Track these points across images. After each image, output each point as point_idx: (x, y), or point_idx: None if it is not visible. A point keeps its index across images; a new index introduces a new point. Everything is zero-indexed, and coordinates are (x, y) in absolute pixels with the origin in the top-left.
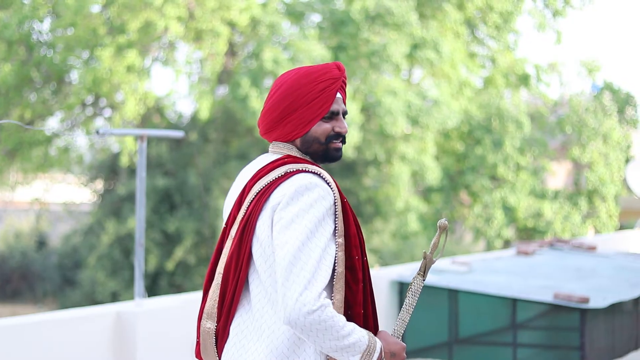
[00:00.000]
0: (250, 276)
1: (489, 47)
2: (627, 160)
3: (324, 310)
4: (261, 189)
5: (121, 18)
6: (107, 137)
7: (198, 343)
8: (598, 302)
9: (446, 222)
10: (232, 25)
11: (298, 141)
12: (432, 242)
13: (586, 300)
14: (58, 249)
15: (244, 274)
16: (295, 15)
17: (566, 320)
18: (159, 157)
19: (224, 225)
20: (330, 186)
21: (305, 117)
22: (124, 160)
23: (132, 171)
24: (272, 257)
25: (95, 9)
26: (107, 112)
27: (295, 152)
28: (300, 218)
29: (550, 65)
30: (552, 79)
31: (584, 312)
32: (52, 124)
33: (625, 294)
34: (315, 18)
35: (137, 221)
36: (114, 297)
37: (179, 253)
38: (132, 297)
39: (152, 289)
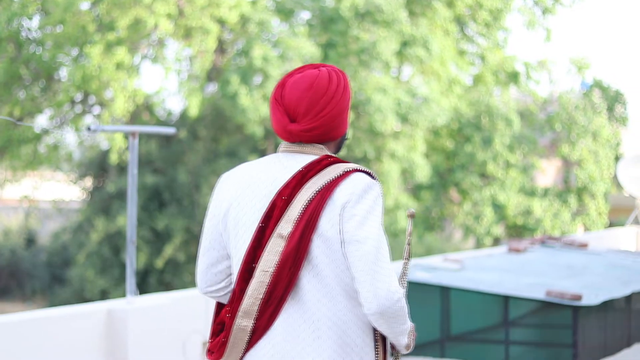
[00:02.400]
0: (301, 272)
1: (478, 44)
2: (617, 158)
3: (403, 297)
4: (321, 188)
5: (110, 15)
6: (97, 135)
7: (221, 342)
8: (590, 299)
9: (413, 210)
10: (221, 22)
11: (338, 140)
12: (408, 231)
13: (579, 298)
14: (47, 247)
15: (298, 271)
16: (285, 12)
17: (558, 318)
18: (148, 154)
19: (259, 224)
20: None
21: (347, 117)
22: (114, 158)
23: (121, 168)
24: (339, 252)
25: (85, 6)
26: (97, 110)
27: (327, 152)
28: (371, 214)
29: (540, 63)
30: (541, 77)
31: (576, 309)
32: (41, 121)
33: (618, 292)
34: (305, 15)
35: (129, 218)
36: (104, 295)
37: (168, 251)
38: (121, 295)
39: (142, 287)
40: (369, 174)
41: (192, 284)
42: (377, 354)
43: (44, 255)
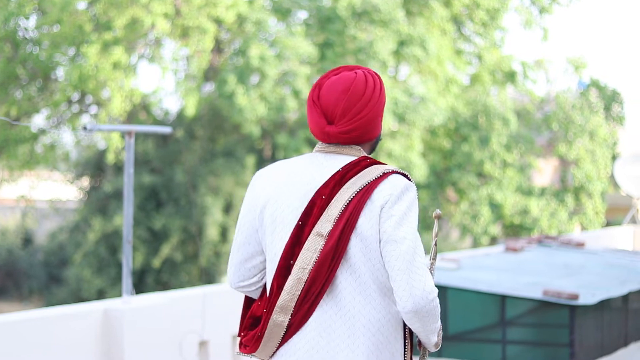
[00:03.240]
0: (338, 270)
1: (475, 44)
2: (614, 157)
3: (437, 295)
4: (360, 189)
5: (107, 15)
6: (94, 134)
7: (257, 336)
8: (587, 298)
9: (440, 212)
10: (218, 22)
11: (373, 141)
12: (435, 232)
13: (576, 297)
14: (44, 246)
15: (336, 269)
16: (282, 12)
17: (556, 317)
18: (145, 154)
19: (297, 222)
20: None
21: (382, 119)
22: (110, 157)
23: (118, 168)
24: (377, 251)
25: (82, 5)
26: (93, 109)
27: (363, 153)
28: (408, 215)
29: (537, 62)
30: (538, 76)
31: (573, 308)
32: (38, 121)
33: (615, 291)
34: (302, 15)
35: (125, 218)
36: (100, 295)
37: (165, 250)
38: (118, 295)
39: (139, 287)
40: (405, 175)
41: (189, 283)
42: (406, 350)
43: (41, 254)
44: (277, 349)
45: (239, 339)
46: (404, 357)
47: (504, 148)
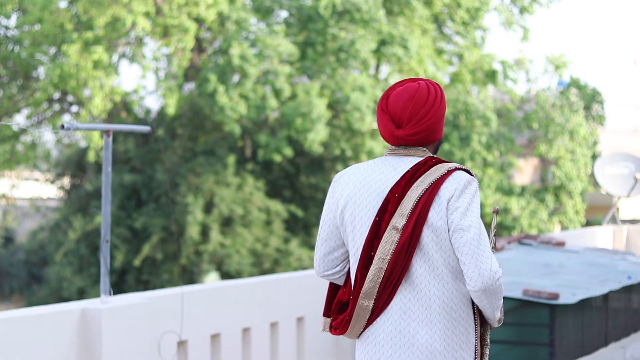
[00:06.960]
0: (413, 258)
1: (456, 43)
2: (594, 157)
3: (502, 276)
4: (429, 186)
5: (88, 14)
6: (74, 133)
7: (345, 320)
8: (567, 298)
9: (498, 207)
10: (199, 21)
11: (437, 143)
12: (493, 225)
13: (556, 297)
14: (25, 245)
15: (411, 258)
16: (263, 11)
17: (536, 317)
18: (126, 153)
19: (375, 218)
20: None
21: (443, 123)
22: (91, 156)
23: (99, 167)
24: (447, 239)
25: (62, 4)
26: (74, 108)
27: (429, 153)
28: (472, 205)
29: (517, 62)
30: (518, 76)
31: (553, 308)
32: (19, 120)
33: (595, 290)
34: (283, 14)
35: (103, 217)
36: (81, 294)
37: (146, 249)
38: (99, 294)
39: (119, 286)
40: (467, 171)
41: (170, 282)
42: (476, 325)
43: (22, 253)
44: (364, 330)
45: (327, 320)
46: (475, 330)
47: (485, 147)
